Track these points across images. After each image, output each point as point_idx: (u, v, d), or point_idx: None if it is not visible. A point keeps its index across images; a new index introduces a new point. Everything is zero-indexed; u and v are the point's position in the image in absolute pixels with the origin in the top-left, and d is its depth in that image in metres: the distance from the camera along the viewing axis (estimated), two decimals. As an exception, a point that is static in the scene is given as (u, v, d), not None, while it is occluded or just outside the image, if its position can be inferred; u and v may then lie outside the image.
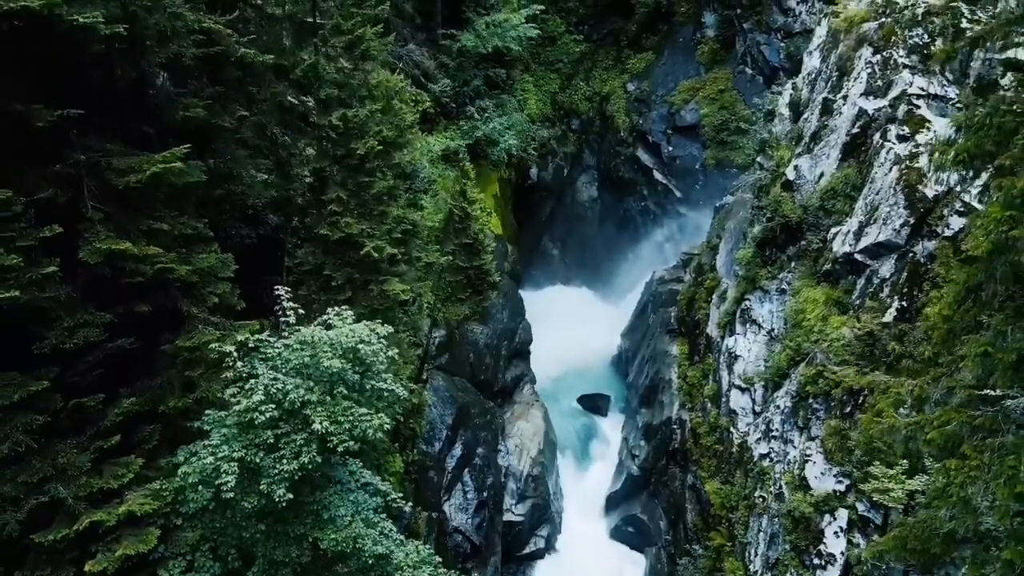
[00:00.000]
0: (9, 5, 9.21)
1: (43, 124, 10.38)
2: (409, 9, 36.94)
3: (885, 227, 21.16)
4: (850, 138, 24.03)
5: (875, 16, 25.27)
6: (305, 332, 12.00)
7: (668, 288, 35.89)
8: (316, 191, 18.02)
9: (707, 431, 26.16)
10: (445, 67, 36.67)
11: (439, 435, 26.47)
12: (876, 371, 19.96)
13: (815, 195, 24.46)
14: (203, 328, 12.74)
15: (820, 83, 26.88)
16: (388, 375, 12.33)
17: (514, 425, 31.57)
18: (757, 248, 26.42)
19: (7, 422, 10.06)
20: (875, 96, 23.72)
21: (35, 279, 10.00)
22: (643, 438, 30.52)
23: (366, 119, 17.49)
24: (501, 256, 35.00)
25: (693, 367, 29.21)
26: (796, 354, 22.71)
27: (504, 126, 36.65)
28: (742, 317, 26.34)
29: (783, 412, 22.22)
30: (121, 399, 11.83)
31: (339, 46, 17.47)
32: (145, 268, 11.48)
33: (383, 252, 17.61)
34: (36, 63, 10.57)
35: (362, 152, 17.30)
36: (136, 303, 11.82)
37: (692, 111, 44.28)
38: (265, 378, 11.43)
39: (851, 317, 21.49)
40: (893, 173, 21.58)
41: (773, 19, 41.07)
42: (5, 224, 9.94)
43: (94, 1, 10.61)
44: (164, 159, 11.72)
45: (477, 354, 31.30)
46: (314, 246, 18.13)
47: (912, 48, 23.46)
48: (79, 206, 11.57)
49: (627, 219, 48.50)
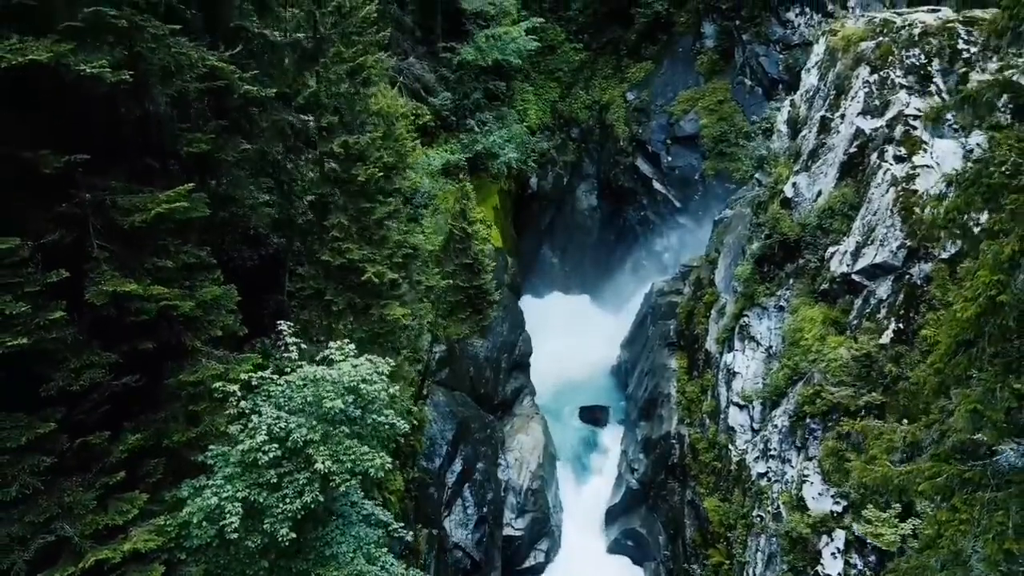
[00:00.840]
0: (17, 59, 9.36)
1: (50, 171, 10.53)
2: (409, 22, 37.12)
3: (882, 249, 21.31)
4: (847, 157, 24.17)
5: (872, 35, 25.41)
6: (308, 370, 12.15)
7: (667, 300, 36.03)
8: (318, 216, 18.16)
9: (706, 447, 26.32)
10: (445, 80, 36.84)
11: (439, 451, 26.63)
12: (873, 393, 20.14)
13: (813, 213, 24.61)
14: (206, 362, 12.88)
15: (818, 101, 27.02)
16: (389, 411, 12.48)
17: (514, 438, 31.74)
18: (755, 265, 26.56)
19: (15, 464, 10.21)
20: (872, 116, 23.87)
21: (42, 324, 10.15)
22: (642, 452, 30.67)
23: (367, 146, 17.64)
24: (501, 269, 35.15)
25: (692, 382, 29.35)
26: (794, 373, 22.86)
27: (504, 139, 36.82)
28: (740, 333, 26.49)
29: (781, 431, 22.38)
30: (126, 435, 11.97)
31: (340, 73, 17.61)
32: (150, 306, 11.62)
33: (384, 277, 17.77)
34: (43, 108, 10.72)
35: (363, 179, 17.46)
36: (141, 340, 11.96)
37: (691, 121, 44.43)
38: (268, 417, 11.59)
39: (848, 338, 21.65)
40: (890, 195, 21.74)
41: (772, 31, 41.24)
42: (12, 270, 10.08)
43: (100, 47, 10.74)
44: (168, 198, 11.86)
45: (477, 368, 31.47)
46: (315, 269, 18.28)
47: (909, 68, 23.60)
48: (85, 245, 11.70)
49: (626, 228, 48.66)
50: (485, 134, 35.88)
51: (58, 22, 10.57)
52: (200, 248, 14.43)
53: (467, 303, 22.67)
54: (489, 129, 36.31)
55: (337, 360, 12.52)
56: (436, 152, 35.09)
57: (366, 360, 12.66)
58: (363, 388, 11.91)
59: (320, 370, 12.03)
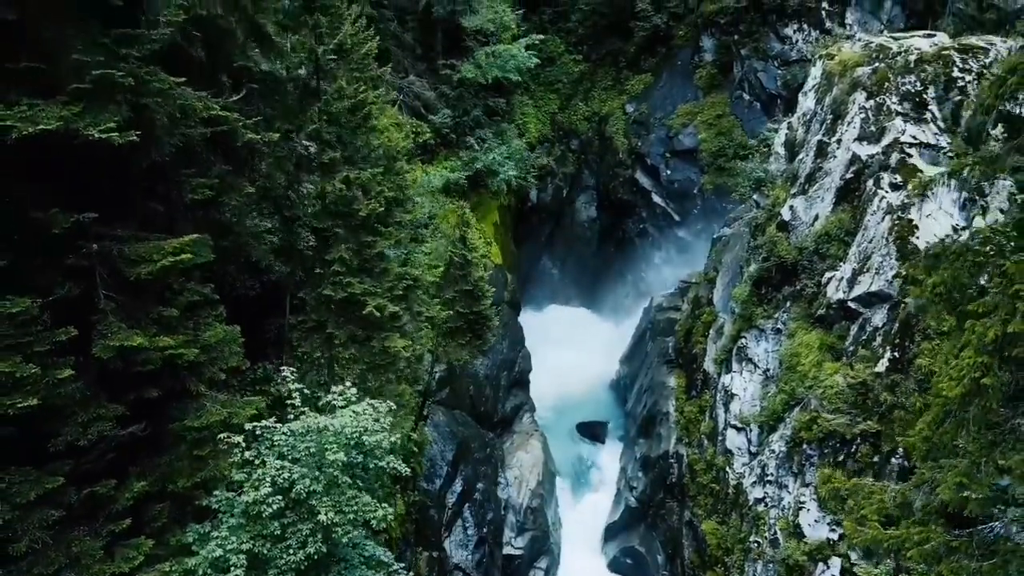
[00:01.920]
0: (28, 129, 9.58)
1: (59, 231, 10.75)
2: (410, 40, 37.33)
3: (878, 277, 21.53)
4: (844, 183, 24.40)
5: (868, 60, 25.63)
6: (310, 420, 12.37)
7: (666, 316, 36.27)
8: (319, 249, 18.38)
9: (704, 468, 26.54)
10: (445, 97, 37.05)
11: (439, 472, 26.86)
12: (869, 421, 20.36)
13: (810, 237, 24.84)
14: (210, 406, 13.11)
15: (815, 124, 27.24)
16: (390, 456, 12.71)
17: (513, 456, 31.96)
18: (753, 287, 26.77)
19: (24, 519, 10.42)
20: (868, 142, 24.08)
21: (51, 383, 10.37)
22: (641, 470, 30.90)
23: (368, 180, 17.87)
24: (501, 286, 35.37)
25: (690, 401, 29.58)
26: (791, 398, 23.08)
27: (503, 156, 37.02)
28: (738, 355, 26.70)
29: (778, 457, 22.60)
30: (132, 481, 12.19)
31: (342, 109, 17.83)
32: (155, 357, 11.84)
33: (385, 311, 17.99)
34: (51, 168, 10.94)
35: (364, 214, 17.67)
36: (146, 389, 12.19)
37: (690, 135, 44.67)
38: (272, 468, 11.82)
39: (844, 364, 21.88)
40: (886, 223, 21.96)
41: (770, 46, 41.48)
42: (22, 329, 10.30)
43: (107, 106, 10.96)
44: (174, 249, 12.09)
45: (477, 386, 31.70)
46: (317, 302, 18.50)
47: (904, 95, 23.82)
48: (92, 297, 11.93)
49: (626, 240, 48.91)
50: (485, 152, 36.10)
51: (67, 84, 10.80)
52: (203, 284, 14.71)
53: (467, 328, 22.86)
54: (489, 147, 36.51)
55: (339, 406, 12.74)
56: (436, 169, 35.32)
57: (367, 405, 12.89)
58: (365, 439, 12.14)
59: (323, 420, 12.25)
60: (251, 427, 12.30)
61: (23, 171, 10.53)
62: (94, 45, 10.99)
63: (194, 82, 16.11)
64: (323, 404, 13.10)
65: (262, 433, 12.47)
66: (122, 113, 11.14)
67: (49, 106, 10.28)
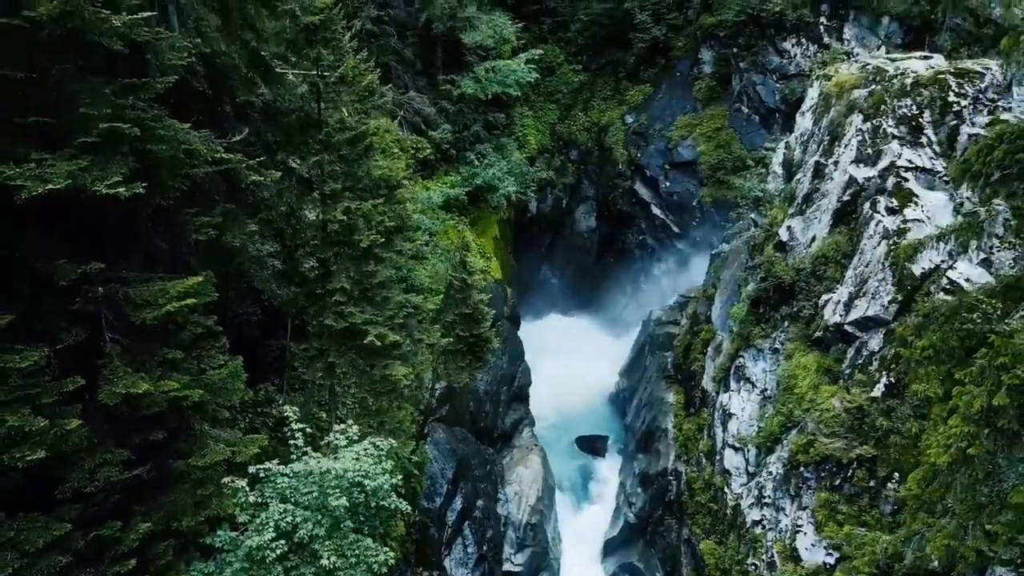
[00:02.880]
0: (38, 190, 9.79)
1: (66, 283, 10.95)
2: (410, 55, 37.53)
3: (874, 302, 21.73)
4: (841, 205, 24.60)
5: (865, 83, 25.83)
6: (312, 464, 12.56)
7: (665, 331, 36.49)
8: (320, 278, 18.58)
9: (702, 487, 26.75)
10: (445, 112, 37.23)
11: (440, 490, 27.06)
12: (865, 446, 20.55)
13: (807, 259, 25.03)
14: (214, 444, 13.31)
15: (812, 145, 27.44)
16: (391, 496, 12.91)
17: (513, 471, 32.15)
18: (751, 306, 26.96)
19: (33, 566, 10.61)
20: (865, 164, 24.28)
21: (59, 434, 10.57)
22: (640, 486, 31.10)
23: (369, 212, 18.06)
24: (500, 300, 35.57)
25: (689, 419, 29.79)
26: (788, 420, 23.27)
27: (503, 171, 37.20)
28: (736, 374, 26.90)
29: (775, 479, 22.80)
30: (138, 522, 12.37)
31: (343, 140, 18.02)
32: (161, 400, 12.04)
33: (386, 340, 18.17)
34: (57, 217, 11.13)
35: (365, 245, 17.87)
36: (152, 431, 12.38)
37: (689, 148, 44.85)
38: (275, 512, 12.02)
39: (841, 388, 22.07)
40: (882, 248, 22.16)
41: (769, 60, 41.65)
42: (30, 380, 10.50)
43: (114, 159, 11.16)
44: (179, 294, 12.29)
45: (477, 402, 31.90)
46: (318, 331, 18.70)
47: (900, 119, 24.01)
48: (98, 340, 12.13)
49: (625, 251, 49.14)
50: (485, 168, 36.28)
51: (74, 136, 11.00)
52: (207, 316, 14.91)
53: (467, 351, 23.07)
54: (489, 162, 36.68)
55: (341, 446, 12.94)
56: (436, 185, 35.52)
57: (369, 444, 13.08)
58: (367, 483, 12.34)
59: (325, 463, 12.45)
60: (255, 470, 12.48)
61: (30, 222, 10.71)
62: (101, 97, 11.17)
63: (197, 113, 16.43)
64: (325, 443, 13.30)
65: (265, 476, 12.65)
66: (128, 164, 11.33)
67: (57, 161, 10.47)
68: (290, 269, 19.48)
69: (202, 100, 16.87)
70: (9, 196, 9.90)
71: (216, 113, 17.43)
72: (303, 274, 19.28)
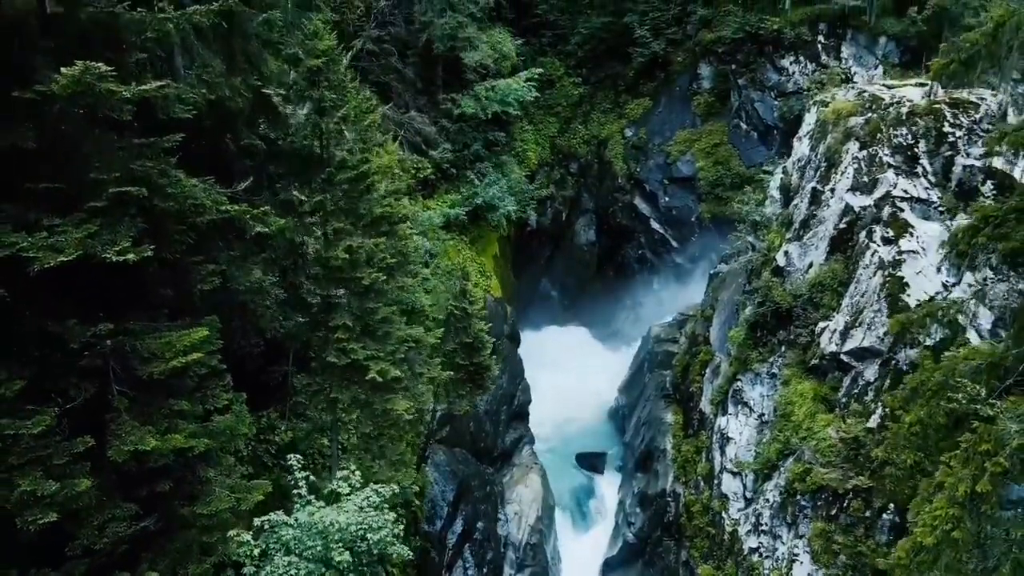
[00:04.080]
0: (50, 262, 10.05)
1: (76, 346, 11.22)
2: (410, 74, 37.79)
3: (869, 333, 21.97)
4: (837, 232, 24.85)
5: (861, 110, 26.09)
6: (316, 516, 12.82)
7: (664, 349, 36.74)
8: (323, 314, 18.83)
9: (700, 510, 27.00)
10: (445, 131, 37.50)
11: (440, 513, 27.30)
12: (861, 476, 20.80)
13: (804, 285, 25.27)
14: (219, 491, 13.57)
15: (809, 171, 27.69)
16: (393, 545, 13.18)
17: (513, 490, 32.40)
18: (749, 330, 27.22)
19: (44, 623, 10.91)
20: (861, 192, 24.53)
21: (70, 495, 10.82)
22: (639, 506, 31.36)
23: (372, 250, 18.31)
24: (500, 319, 35.84)
25: (688, 440, 30.04)
26: (785, 447, 23.52)
27: (503, 190, 37.45)
28: (734, 398, 27.15)
29: (772, 506, 23.06)
30: (145, 570, 12.63)
31: (345, 180, 18.28)
32: (168, 453, 12.30)
33: (387, 375, 18.43)
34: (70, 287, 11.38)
35: (368, 282, 18.13)
36: (159, 482, 12.65)
37: (688, 163, 45.13)
38: (280, 565, 12.29)
39: (837, 417, 22.31)
40: (877, 278, 22.41)
41: (767, 77, 41.92)
42: (41, 442, 10.76)
43: (122, 220, 11.42)
44: (185, 348, 12.55)
45: (477, 422, 32.15)
46: (321, 367, 18.96)
47: (896, 148, 24.27)
48: (106, 393, 12.40)
49: (625, 265, 49.38)
50: (485, 187, 36.53)
51: (84, 200, 11.26)
52: (211, 356, 15.17)
53: (467, 379, 23.33)
54: (489, 182, 36.93)
55: (344, 494, 13.20)
56: (436, 204, 35.78)
57: (372, 492, 13.34)
58: (370, 536, 12.61)
59: (328, 514, 12.70)
60: (259, 522, 12.75)
61: (42, 288, 10.96)
62: (110, 160, 11.43)
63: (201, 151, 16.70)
64: (328, 492, 13.56)
65: (270, 528, 12.91)
66: (136, 225, 11.59)
67: (67, 227, 10.73)
68: (292, 303, 19.75)
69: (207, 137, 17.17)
70: (21, 266, 10.15)
71: (220, 152, 17.72)
72: (306, 308, 19.55)
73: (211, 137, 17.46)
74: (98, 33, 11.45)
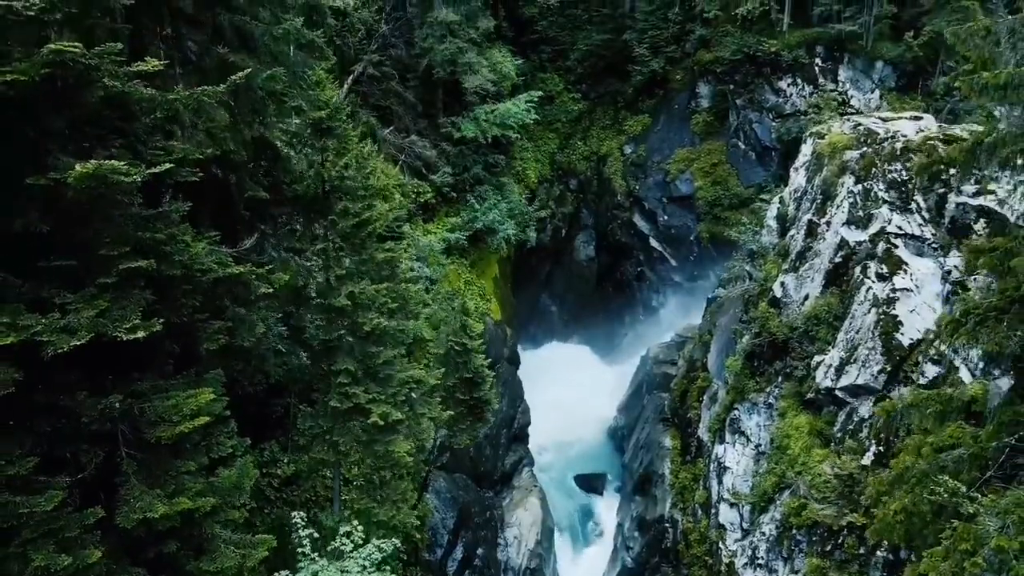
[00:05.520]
0: (63, 347, 10.36)
1: (87, 419, 11.53)
2: (411, 97, 38.09)
3: (864, 370, 22.29)
4: (833, 266, 25.15)
5: (856, 144, 26.35)
6: (321, 578, 13.17)
7: (663, 371, 37.05)
8: (325, 359, 19.13)
9: (698, 539, 27.33)
10: (446, 154, 37.80)
11: (441, 540, 27.62)
12: (855, 514, 21.13)
13: (800, 318, 25.56)
14: (224, 548, 13.87)
15: (805, 203, 27.98)
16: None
17: (513, 514, 32.71)
18: (746, 359, 27.54)
19: None
20: (856, 227, 24.83)
21: (81, 567, 11.12)
22: (637, 530, 31.67)
23: (373, 296, 18.62)
24: (500, 342, 36.16)
25: (685, 466, 30.36)
26: (781, 481, 23.85)
27: (503, 213, 37.75)
28: (731, 427, 27.47)
29: (768, 540, 23.38)
30: (153, 630, 12.95)
31: (348, 227, 18.58)
32: (175, 517, 12.60)
33: (389, 419, 18.73)
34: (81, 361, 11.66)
35: (369, 328, 18.43)
36: (166, 543, 12.94)
37: (687, 182, 45.42)
38: (285, 627, 12.64)
39: (832, 453, 22.64)
40: (872, 315, 22.72)
41: (765, 98, 42.23)
42: (53, 515, 11.06)
43: (132, 294, 11.72)
44: (192, 412, 12.84)
45: (478, 447, 32.41)
46: (323, 411, 19.26)
47: (891, 184, 24.55)
48: (115, 456, 12.70)
49: (624, 282, 49.75)
50: (485, 211, 36.83)
51: (94, 275, 11.56)
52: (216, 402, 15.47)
53: (467, 413, 23.64)
54: (489, 206, 37.23)
55: (347, 552, 13.53)
56: (436, 228, 36.09)
57: (374, 548, 13.67)
58: (372, 599, 12.97)
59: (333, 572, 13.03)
60: (266, 581, 13.08)
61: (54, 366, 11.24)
62: (120, 235, 11.72)
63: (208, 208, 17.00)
64: (331, 550, 13.88)
65: (276, 589, 13.24)
66: (145, 298, 11.89)
67: (79, 305, 11.03)
68: (295, 345, 20.07)
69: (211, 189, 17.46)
70: (36, 349, 10.46)
71: (225, 202, 18.03)
72: (309, 349, 19.87)
73: (216, 189, 17.75)
74: (110, 111, 11.75)
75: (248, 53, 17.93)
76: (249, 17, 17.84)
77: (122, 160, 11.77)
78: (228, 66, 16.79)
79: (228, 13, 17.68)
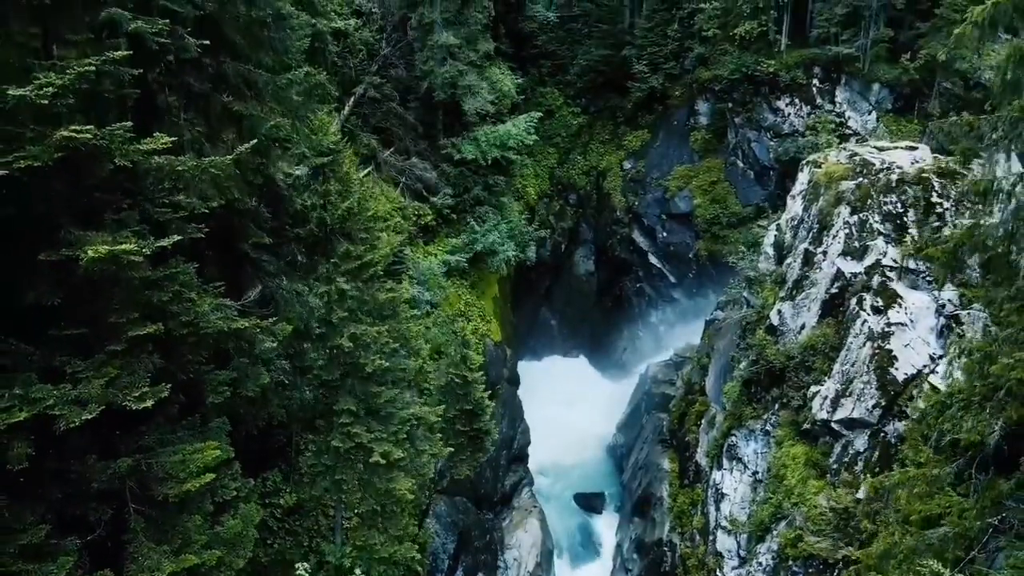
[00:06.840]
0: (75, 421, 10.66)
1: (97, 485, 11.82)
2: (411, 119, 38.36)
3: (859, 404, 22.57)
4: (829, 296, 25.44)
5: (853, 174, 26.65)
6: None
7: (661, 391, 37.36)
8: (327, 400, 19.42)
9: (696, 564, 27.61)
10: (446, 175, 38.07)
11: (441, 566, 27.91)
12: (850, 547, 21.42)
13: (796, 347, 25.85)
14: (230, 597, 14.17)
15: (802, 231, 28.27)
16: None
17: (512, 535, 32.99)
18: (743, 386, 27.83)
19: None
20: (852, 258, 25.13)
21: (93, 630, 11.44)
22: (636, 552, 31.97)
23: (375, 337, 18.90)
24: (500, 363, 36.43)
25: (683, 490, 30.64)
26: (777, 511, 24.13)
27: (503, 234, 38.01)
28: (728, 453, 27.76)
29: (765, 570, 23.67)
30: None
31: (350, 269, 18.86)
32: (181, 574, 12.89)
33: (391, 457, 19.01)
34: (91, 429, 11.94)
35: (371, 369, 18.72)
36: (173, 596, 13.24)
37: (685, 199, 45.66)
38: None
39: (828, 485, 22.93)
40: (867, 349, 23.00)
41: (763, 117, 42.45)
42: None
43: (140, 358, 12.02)
44: (199, 469, 13.13)
45: (477, 470, 32.68)
46: (325, 450, 19.54)
47: (886, 215, 24.86)
48: (123, 512, 12.98)
49: (623, 297, 50.01)
50: (485, 233, 37.09)
51: (104, 344, 11.84)
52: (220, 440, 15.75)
53: (467, 444, 23.92)
54: (489, 228, 37.50)
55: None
56: (437, 250, 36.35)
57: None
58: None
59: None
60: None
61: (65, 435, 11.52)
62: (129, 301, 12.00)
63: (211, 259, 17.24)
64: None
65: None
66: (153, 362, 12.18)
67: (89, 375, 11.31)
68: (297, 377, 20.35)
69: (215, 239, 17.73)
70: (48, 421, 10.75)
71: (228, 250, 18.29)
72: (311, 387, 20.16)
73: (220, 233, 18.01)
74: (120, 182, 12.04)
75: (253, 99, 18.20)
76: (253, 66, 18.09)
77: (130, 221, 12.16)
78: (232, 115, 17.10)
79: (233, 62, 17.94)
